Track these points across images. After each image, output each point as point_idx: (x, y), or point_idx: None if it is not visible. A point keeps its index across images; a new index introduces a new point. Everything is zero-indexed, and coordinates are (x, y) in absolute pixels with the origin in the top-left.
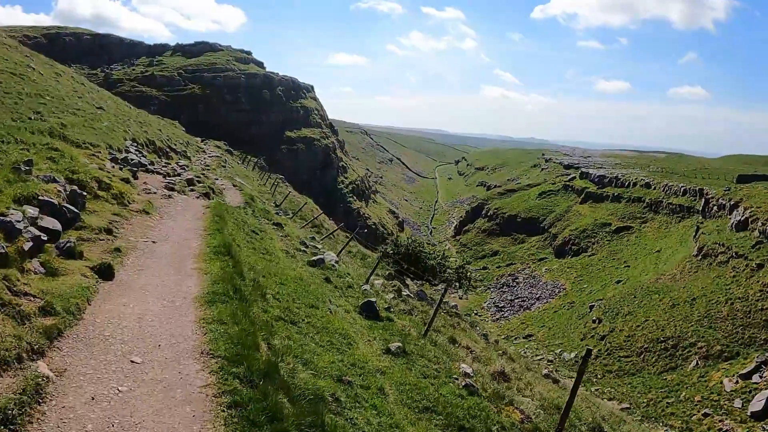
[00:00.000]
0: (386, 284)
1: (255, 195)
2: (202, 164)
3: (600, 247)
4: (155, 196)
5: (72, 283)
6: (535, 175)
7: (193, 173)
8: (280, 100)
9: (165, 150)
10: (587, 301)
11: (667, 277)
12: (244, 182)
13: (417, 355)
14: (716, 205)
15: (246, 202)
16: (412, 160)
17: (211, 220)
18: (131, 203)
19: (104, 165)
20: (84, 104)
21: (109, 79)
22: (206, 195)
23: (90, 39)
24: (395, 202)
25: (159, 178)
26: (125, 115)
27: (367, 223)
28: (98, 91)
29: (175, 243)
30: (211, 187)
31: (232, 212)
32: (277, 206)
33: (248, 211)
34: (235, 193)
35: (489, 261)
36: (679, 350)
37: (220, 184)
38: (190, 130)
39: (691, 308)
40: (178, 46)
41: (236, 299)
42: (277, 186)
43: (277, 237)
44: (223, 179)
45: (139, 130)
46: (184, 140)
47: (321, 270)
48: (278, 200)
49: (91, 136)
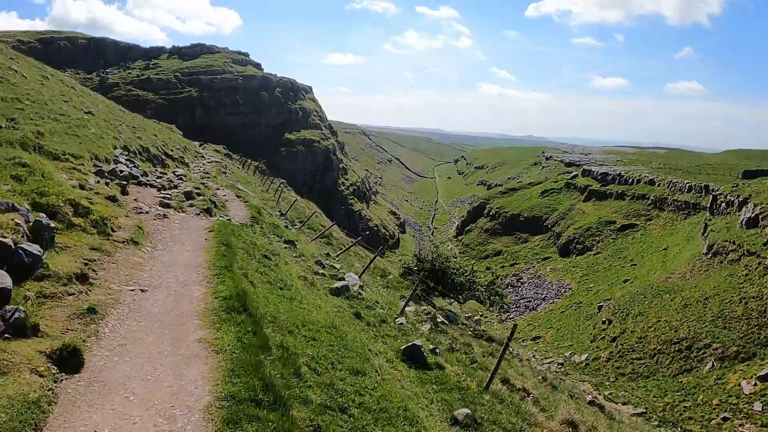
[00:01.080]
0: (419, 311)
1: (261, 206)
2: (201, 171)
3: (605, 245)
4: (147, 217)
5: (13, 394)
6: (537, 174)
7: (192, 184)
8: (279, 101)
9: (160, 157)
10: (594, 301)
11: (677, 276)
12: (247, 190)
13: (489, 423)
14: (724, 201)
15: (252, 217)
16: (410, 160)
17: (216, 250)
18: (116, 230)
19: (86, 181)
20: (70, 109)
21: (104, 83)
22: (207, 211)
23: (85, 43)
24: (395, 203)
25: (153, 192)
26: (118, 120)
27: (369, 225)
28: (90, 95)
29: (171, 291)
30: (212, 201)
31: (239, 233)
32: (283, 215)
33: (256, 229)
34: (239, 206)
35: (492, 261)
36: (694, 352)
37: (222, 195)
38: (187, 134)
39: (704, 308)
40: (174, 48)
41: (267, 405)
42: (281, 192)
43: (291, 259)
44: (225, 188)
45: (131, 136)
46: (182, 145)
47: (347, 300)
48: (283, 208)
49: (74, 145)
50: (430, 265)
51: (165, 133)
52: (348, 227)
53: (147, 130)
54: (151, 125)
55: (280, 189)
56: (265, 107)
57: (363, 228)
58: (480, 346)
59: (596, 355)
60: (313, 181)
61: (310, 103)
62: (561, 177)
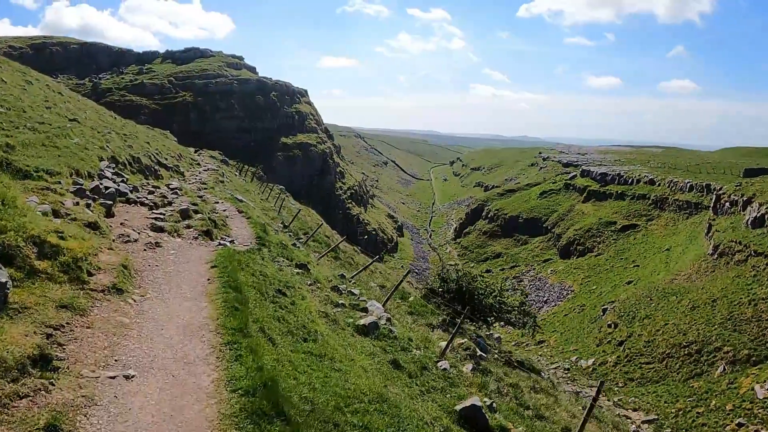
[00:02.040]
0: (455, 346)
1: (266, 222)
2: (198, 182)
3: (606, 246)
4: (136, 247)
5: None
6: (534, 174)
7: (188, 198)
8: (275, 105)
9: (153, 168)
10: (598, 303)
11: (682, 278)
12: (247, 201)
13: None
14: (728, 201)
15: (258, 237)
16: (406, 163)
17: (224, 299)
18: (95, 273)
19: (62, 204)
20: (52, 116)
21: (97, 89)
22: (207, 233)
23: (77, 48)
24: (392, 206)
25: (144, 211)
26: (107, 127)
27: (367, 229)
28: (78, 100)
29: (168, 375)
30: (212, 219)
31: (246, 264)
32: (286, 227)
33: (264, 253)
34: (242, 223)
35: (492, 263)
36: (704, 355)
37: (222, 209)
38: (182, 139)
39: (713, 310)
40: (168, 53)
41: None
42: (282, 202)
43: (306, 289)
44: (224, 201)
45: (121, 144)
46: (176, 153)
47: (378, 341)
48: (285, 218)
49: (51, 159)
50: (456, 285)
51: (159, 139)
52: (346, 232)
53: (139, 137)
54: (143, 132)
55: (282, 198)
56: (261, 111)
57: (361, 232)
58: (522, 380)
59: (603, 359)
60: (311, 186)
61: (306, 106)
62: (559, 178)
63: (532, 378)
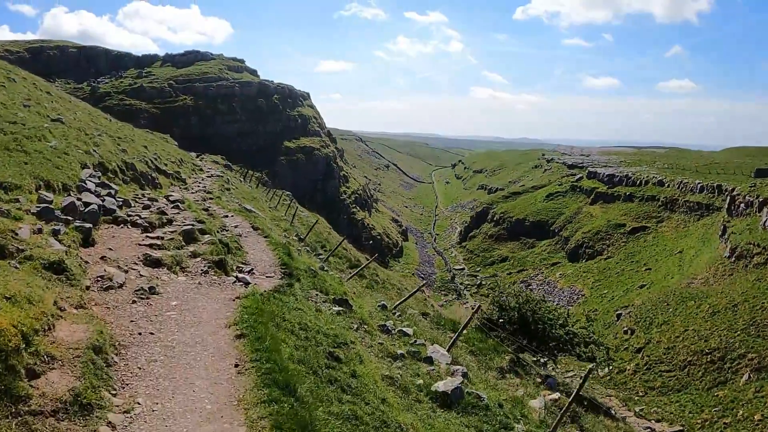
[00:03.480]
0: (550, 407)
1: (288, 242)
2: (202, 190)
3: (616, 249)
4: (121, 297)
5: None
6: (539, 177)
7: (192, 213)
8: (277, 108)
9: (149, 176)
10: (611, 308)
11: (699, 281)
12: (256, 211)
13: None
14: (743, 202)
15: (283, 265)
16: (407, 166)
17: (270, 415)
18: (42, 373)
19: (13, 234)
20: (30, 115)
21: (95, 93)
22: (219, 264)
23: (75, 52)
24: (396, 210)
25: (135, 235)
26: (99, 130)
27: (372, 234)
28: (70, 101)
29: None
30: (223, 242)
31: (282, 316)
32: (301, 240)
33: (296, 290)
34: (259, 243)
35: (498, 267)
36: (727, 362)
37: (234, 226)
38: (183, 144)
39: (734, 315)
40: (168, 56)
41: None
42: (296, 211)
43: (357, 341)
44: (234, 214)
45: (114, 149)
46: (177, 158)
47: (467, 416)
48: (297, 228)
49: (13, 167)
50: (518, 314)
51: (158, 144)
52: (351, 237)
53: (135, 141)
54: (141, 135)
55: (295, 209)
56: (263, 115)
57: (366, 237)
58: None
59: (621, 367)
60: (315, 190)
61: (309, 109)
62: (565, 179)
63: (618, 426)
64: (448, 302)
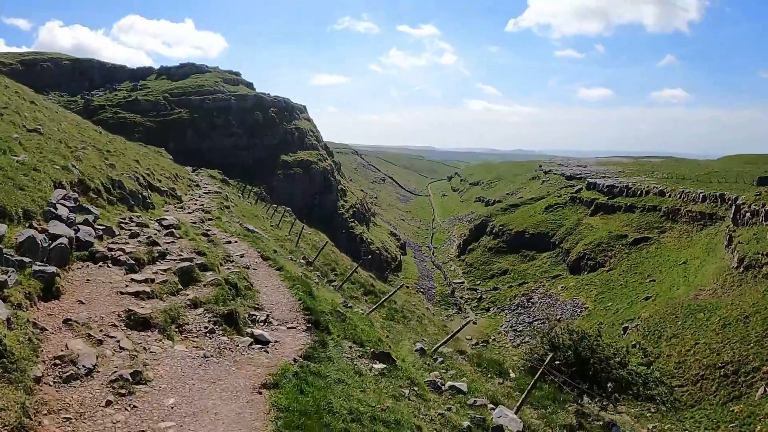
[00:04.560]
0: None
1: (305, 273)
2: (200, 208)
3: (618, 260)
4: (89, 392)
5: None
6: (537, 188)
7: (190, 242)
8: (274, 122)
9: (140, 195)
10: (616, 321)
11: (707, 293)
12: (259, 231)
13: None
14: (749, 211)
15: (306, 309)
16: (403, 179)
17: None
18: None
19: None
20: (3, 125)
21: (89, 106)
22: (229, 318)
23: (69, 64)
24: (393, 223)
25: (118, 276)
26: (85, 142)
27: (371, 248)
28: (57, 112)
29: None
30: (229, 281)
31: (329, 407)
32: (310, 263)
33: (330, 350)
34: (271, 277)
35: (499, 281)
36: (741, 376)
37: (238, 254)
38: (179, 158)
39: (746, 327)
40: (163, 68)
41: None
42: (293, 227)
43: (419, 419)
44: (238, 239)
45: (100, 164)
46: (172, 173)
47: None
48: (303, 249)
49: None
50: (573, 353)
51: (151, 158)
52: (350, 252)
53: (126, 155)
54: (133, 149)
55: (296, 225)
56: (260, 128)
57: (365, 252)
58: None
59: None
60: (312, 205)
61: (306, 122)
62: (564, 191)
63: None
64: (449, 317)
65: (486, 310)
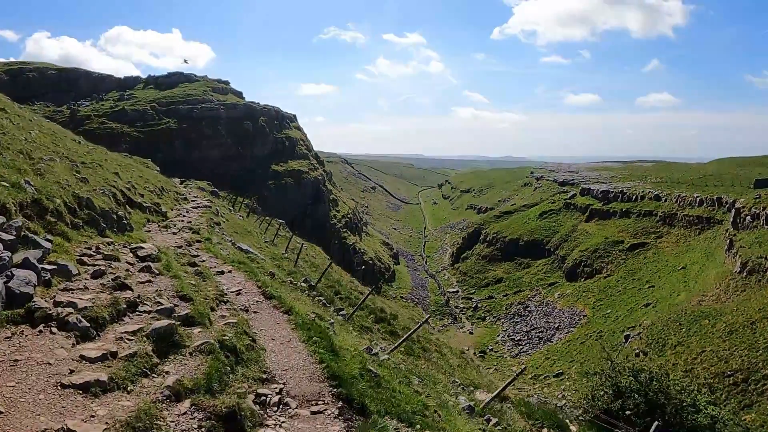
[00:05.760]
0: None
1: (319, 316)
2: (187, 227)
3: (615, 267)
4: None
5: None
6: (529, 195)
7: (172, 281)
8: (264, 131)
9: (114, 214)
10: (616, 329)
11: (710, 299)
12: (255, 252)
13: None
14: (749, 214)
15: (332, 378)
16: (394, 187)
17: None
18: None
19: None
20: None
21: (75, 116)
22: (229, 419)
23: (55, 74)
24: (385, 232)
25: (62, 351)
26: (59, 153)
27: (364, 258)
28: (31, 121)
29: None
30: (227, 345)
31: None
32: (312, 287)
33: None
34: (278, 323)
35: (494, 289)
36: (752, 384)
37: (235, 291)
38: (167, 169)
39: (754, 333)
40: (151, 78)
41: None
42: (290, 242)
43: None
44: (232, 267)
45: (68, 178)
46: (157, 186)
47: None
48: (302, 268)
49: None
50: (644, 398)
51: (135, 170)
52: (343, 262)
53: (105, 168)
54: (115, 160)
55: (293, 239)
56: (250, 138)
57: (358, 262)
58: None
59: None
60: (304, 215)
61: (296, 132)
62: (557, 197)
63: None
64: (444, 327)
65: (482, 320)
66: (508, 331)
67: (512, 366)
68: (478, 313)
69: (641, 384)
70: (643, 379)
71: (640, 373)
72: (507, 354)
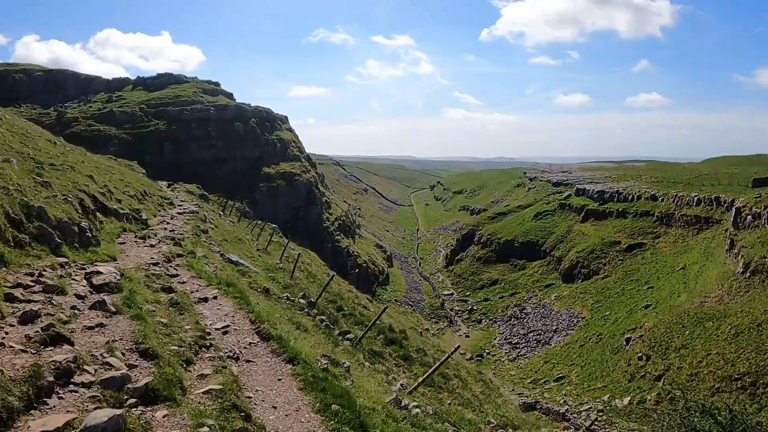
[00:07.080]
0: None
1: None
2: (169, 237)
3: (613, 268)
4: None
5: None
6: (523, 196)
7: (134, 324)
8: (255, 133)
9: (75, 226)
10: (616, 331)
11: (713, 300)
12: (247, 263)
13: None
14: (750, 214)
15: None
16: (386, 189)
17: None
18: None
19: None
20: None
21: (62, 119)
22: None
23: (42, 76)
24: (378, 234)
25: None
26: (24, 154)
27: (357, 261)
28: (2, 120)
29: None
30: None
31: None
32: (313, 304)
33: None
34: (280, 379)
35: (489, 291)
36: (760, 387)
37: (221, 329)
38: (156, 172)
39: (760, 335)
40: (140, 79)
41: None
42: (285, 250)
43: None
44: (218, 291)
45: (24, 182)
46: (139, 190)
47: None
48: (299, 279)
49: None
50: None
51: (116, 172)
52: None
53: (78, 170)
54: (94, 161)
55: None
56: (240, 139)
57: (352, 266)
58: None
59: (641, 397)
60: (297, 218)
61: (288, 133)
62: (552, 198)
63: None
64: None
65: (478, 322)
66: (505, 334)
67: (511, 370)
68: (474, 315)
69: (721, 425)
70: (723, 419)
71: (717, 410)
72: (504, 357)
